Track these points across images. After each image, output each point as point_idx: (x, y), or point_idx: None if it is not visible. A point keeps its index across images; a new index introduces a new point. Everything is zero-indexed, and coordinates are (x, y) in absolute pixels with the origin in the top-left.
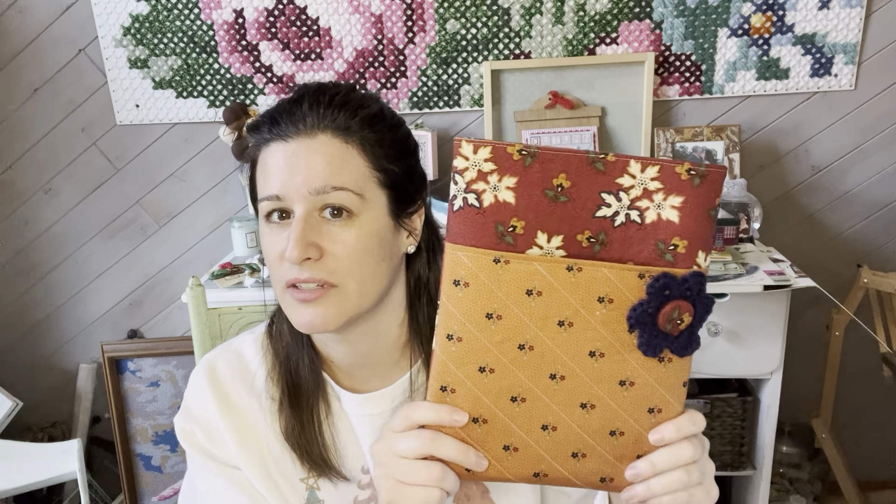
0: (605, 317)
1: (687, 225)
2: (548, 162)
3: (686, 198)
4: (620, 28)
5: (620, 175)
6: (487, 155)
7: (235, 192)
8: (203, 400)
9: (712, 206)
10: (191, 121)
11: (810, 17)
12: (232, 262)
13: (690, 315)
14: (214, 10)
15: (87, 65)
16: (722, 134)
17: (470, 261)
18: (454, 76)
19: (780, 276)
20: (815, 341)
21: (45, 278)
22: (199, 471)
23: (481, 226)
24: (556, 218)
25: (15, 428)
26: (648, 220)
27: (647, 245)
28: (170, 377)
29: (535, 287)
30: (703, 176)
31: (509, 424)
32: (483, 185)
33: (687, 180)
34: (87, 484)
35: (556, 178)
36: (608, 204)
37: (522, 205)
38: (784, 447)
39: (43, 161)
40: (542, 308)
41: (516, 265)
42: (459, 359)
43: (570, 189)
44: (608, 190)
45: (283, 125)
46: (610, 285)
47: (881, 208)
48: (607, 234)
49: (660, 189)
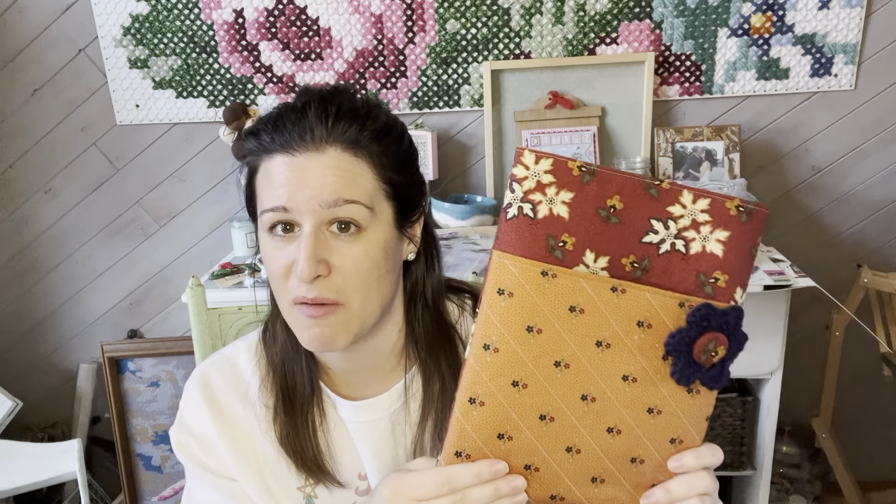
0: (642, 342)
1: (730, 260)
2: (605, 182)
3: (732, 233)
4: (620, 28)
5: (672, 204)
6: (548, 167)
7: (235, 192)
8: (197, 412)
9: (754, 243)
10: (191, 121)
11: (810, 17)
12: (232, 262)
13: (725, 348)
14: (214, 10)
15: (87, 65)
16: (722, 134)
17: (517, 270)
18: (454, 76)
19: (780, 276)
20: (815, 341)
21: (45, 278)
22: (197, 483)
23: (533, 237)
24: (605, 238)
25: (15, 428)
26: (693, 251)
27: (689, 275)
28: (170, 377)
29: (578, 304)
30: (751, 213)
31: (534, 443)
32: (540, 197)
33: (735, 216)
34: (87, 484)
35: (611, 198)
36: (656, 231)
37: (575, 221)
38: (784, 447)
39: (43, 161)
40: (583, 326)
41: (563, 280)
42: (494, 371)
43: (621, 211)
44: (658, 217)
45: (288, 136)
46: (650, 310)
47: (881, 208)
48: (651, 260)
49: (708, 221)
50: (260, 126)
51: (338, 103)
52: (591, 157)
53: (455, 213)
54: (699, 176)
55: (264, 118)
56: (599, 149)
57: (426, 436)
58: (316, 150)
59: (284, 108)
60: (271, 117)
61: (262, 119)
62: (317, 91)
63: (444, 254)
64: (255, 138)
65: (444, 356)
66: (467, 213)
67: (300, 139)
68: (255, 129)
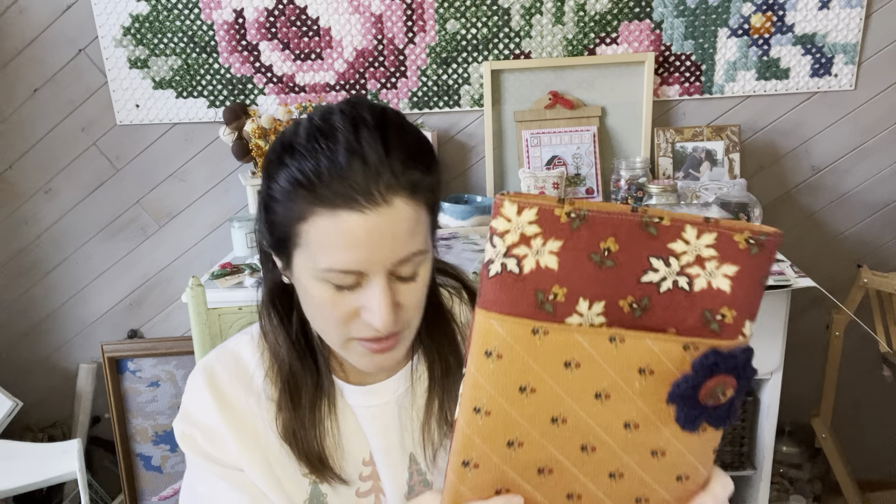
0: (643, 388)
1: (738, 295)
2: (597, 225)
3: (741, 267)
4: (620, 28)
5: (673, 240)
6: (532, 217)
7: (235, 192)
8: (202, 403)
9: (765, 273)
10: (191, 121)
11: (810, 17)
12: (232, 262)
13: (734, 389)
14: (214, 10)
15: (87, 65)
16: (722, 134)
17: (505, 331)
18: (454, 76)
19: (780, 276)
20: (815, 341)
21: (45, 278)
22: (201, 474)
23: (520, 293)
24: (599, 283)
25: (15, 428)
26: (697, 288)
27: (693, 313)
28: (170, 377)
29: (573, 359)
30: (762, 245)
31: (533, 494)
32: (525, 250)
33: (745, 249)
34: (87, 484)
35: (604, 241)
36: (656, 269)
37: (566, 271)
38: (784, 447)
39: (43, 161)
40: (579, 380)
41: (556, 336)
42: (486, 433)
43: (617, 253)
44: (658, 255)
45: (353, 191)
46: (652, 356)
47: (881, 208)
48: (651, 299)
49: (714, 257)
50: (308, 171)
51: (397, 143)
52: (591, 157)
53: (455, 213)
54: (699, 176)
55: (323, 167)
56: (599, 149)
57: (433, 420)
58: (385, 203)
59: (332, 144)
60: (332, 168)
61: (320, 167)
62: (369, 122)
63: (444, 254)
64: (305, 188)
65: (446, 340)
66: (467, 213)
67: (367, 195)
68: (306, 178)
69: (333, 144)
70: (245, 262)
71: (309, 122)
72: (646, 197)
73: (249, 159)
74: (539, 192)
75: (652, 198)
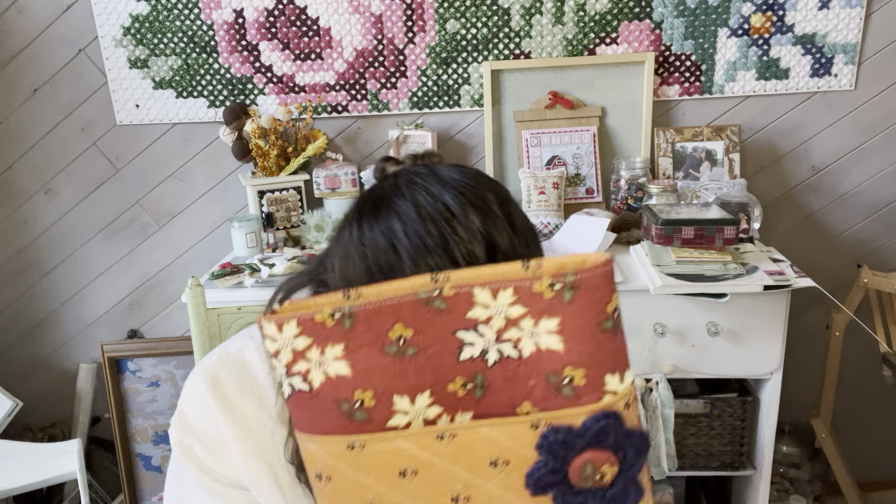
0: (506, 482)
1: (576, 350)
2: (373, 317)
3: (562, 318)
4: (620, 28)
5: (469, 308)
6: (295, 330)
7: (235, 192)
8: (205, 411)
9: (604, 316)
10: (191, 121)
11: (810, 17)
12: (232, 262)
13: (614, 464)
14: (214, 10)
15: (87, 65)
16: (722, 134)
17: (323, 451)
18: (454, 76)
19: (780, 276)
20: (815, 341)
21: (45, 278)
22: (193, 488)
23: (321, 410)
24: (411, 374)
25: (15, 428)
26: (527, 353)
27: (539, 380)
28: (170, 377)
29: (407, 467)
30: (576, 286)
31: None
32: (305, 365)
33: (553, 298)
34: (87, 484)
35: (391, 330)
36: (470, 343)
37: (362, 372)
38: (784, 447)
39: (43, 161)
40: (426, 487)
41: (375, 447)
42: None
43: (415, 338)
44: (464, 328)
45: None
46: (498, 446)
47: (881, 208)
48: (485, 375)
49: (524, 314)
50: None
51: (522, 226)
52: (591, 157)
53: None
54: (699, 176)
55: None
56: (599, 149)
57: None
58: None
59: (468, 237)
60: (458, 252)
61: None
62: (497, 214)
63: None
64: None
65: None
66: None
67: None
68: (428, 267)
69: (468, 237)
70: (245, 262)
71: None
72: (646, 197)
73: (249, 159)
74: (539, 191)
75: (652, 198)
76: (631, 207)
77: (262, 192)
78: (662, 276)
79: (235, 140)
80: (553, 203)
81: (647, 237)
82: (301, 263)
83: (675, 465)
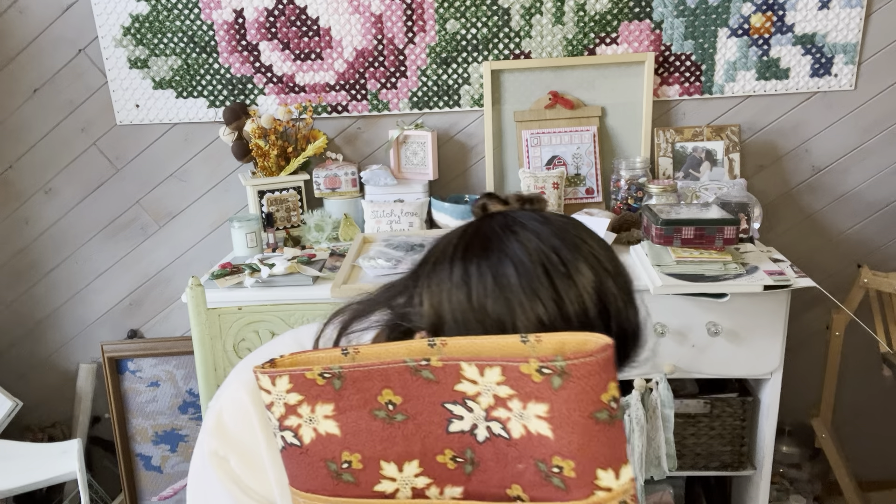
0: None
1: (565, 440)
2: (362, 381)
3: (550, 405)
4: (620, 28)
5: (457, 381)
6: (287, 385)
7: (235, 192)
8: (246, 422)
9: (597, 406)
10: (191, 121)
11: (810, 17)
12: (232, 262)
13: None
14: (214, 10)
15: (87, 65)
16: (722, 134)
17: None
18: (454, 76)
19: (780, 276)
20: (815, 341)
21: (45, 278)
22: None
23: (310, 467)
24: (399, 441)
25: (15, 428)
26: (517, 434)
27: (528, 465)
28: (170, 377)
29: None
30: (565, 374)
31: None
32: (296, 420)
33: (542, 382)
34: (87, 484)
35: (381, 395)
36: (459, 416)
37: (350, 433)
38: (784, 447)
39: (43, 161)
40: None
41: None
42: None
43: (404, 405)
44: (452, 400)
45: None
46: None
47: (881, 208)
48: (475, 451)
49: (513, 395)
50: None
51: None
52: (591, 157)
53: (455, 213)
54: (699, 176)
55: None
56: (599, 149)
57: None
58: None
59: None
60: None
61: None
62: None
63: None
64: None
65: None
66: (467, 213)
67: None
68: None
69: (582, 294)
70: (245, 262)
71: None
72: (646, 197)
73: (249, 159)
74: (539, 191)
75: (652, 198)
76: (631, 207)
77: (262, 192)
78: (662, 276)
79: (235, 140)
80: (553, 203)
81: (647, 237)
82: (302, 263)
83: (675, 465)
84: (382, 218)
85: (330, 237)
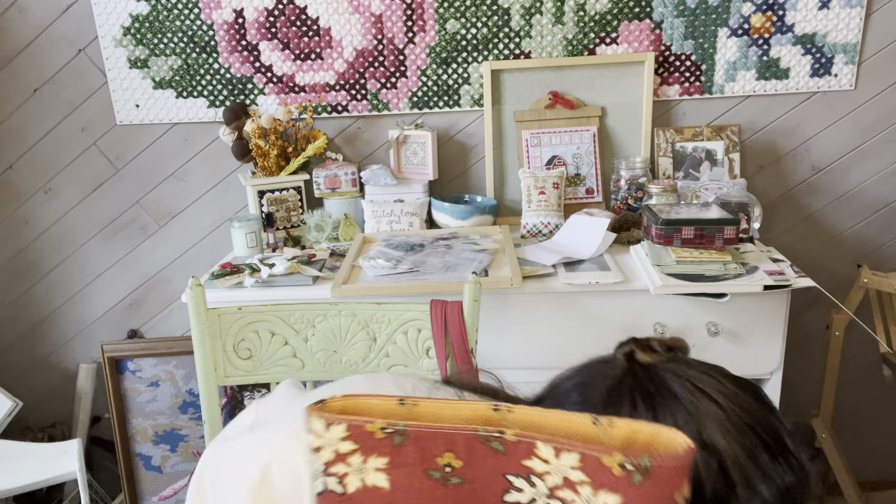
0: None
1: None
2: (425, 441)
3: (624, 499)
4: (620, 28)
5: (527, 457)
6: (343, 433)
7: (235, 192)
8: (294, 486)
9: (670, 503)
10: (191, 121)
11: (810, 17)
12: (232, 262)
13: None
14: (214, 10)
15: (87, 65)
16: (722, 134)
17: None
18: (454, 76)
19: (780, 276)
20: (815, 341)
21: (45, 278)
22: None
23: None
24: (449, 502)
25: (15, 428)
26: None
27: None
28: (170, 377)
29: None
30: (647, 472)
31: None
32: (344, 468)
33: (622, 477)
34: (87, 484)
35: (441, 457)
36: (518, 488)
37: (400, 489)
38: None
39: (43, 161)
40: None
41: None
42: None
43: (462, 469)
44: (515, 473)
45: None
46: None
47: (881, 208)
48: None
49: (585, 482)
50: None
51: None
52: (591, 157)
53: (455, 213)
54: (699, 176)
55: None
56: (599, 149)
57: None
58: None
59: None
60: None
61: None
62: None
63: (444, 253)
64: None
65: None
66: (467, 213)
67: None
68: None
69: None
70: (245, 262)
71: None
72: (646, 197)
73: (249, 159)
74: (539, 191)
75: (652, 198)
76: (631, 207)
77: (262, 192)
78: (662, 276)
79: (235, 140)
80: (553, 203)
81: (647, 237)
82: (302, 263)
83: None
84: (382, 218)
85: (330, 237)
